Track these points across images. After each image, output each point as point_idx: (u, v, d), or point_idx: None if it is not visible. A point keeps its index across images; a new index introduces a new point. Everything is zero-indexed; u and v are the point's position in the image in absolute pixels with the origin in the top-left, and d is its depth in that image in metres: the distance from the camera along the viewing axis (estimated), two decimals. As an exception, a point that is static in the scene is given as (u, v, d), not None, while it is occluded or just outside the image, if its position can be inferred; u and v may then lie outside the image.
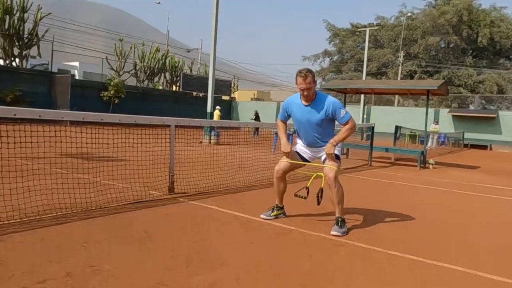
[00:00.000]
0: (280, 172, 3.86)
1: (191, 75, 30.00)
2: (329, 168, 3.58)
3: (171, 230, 3.36)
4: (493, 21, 35.29)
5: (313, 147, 3.88)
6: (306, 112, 3.71)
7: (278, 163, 3.93)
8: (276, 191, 3.95)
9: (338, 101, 3.70)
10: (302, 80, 3.55)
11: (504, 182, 8.21)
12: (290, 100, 3.89)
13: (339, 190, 3.61)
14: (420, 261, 2.95)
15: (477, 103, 32.77)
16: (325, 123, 3.71)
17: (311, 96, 3.65)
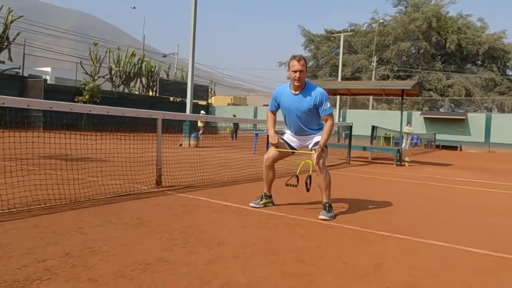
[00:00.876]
0: (269, 161, 3.95)
1: (168, 80, 29.84)
2: (316, 155, 3.70)
3: (164, 217, 3.38)
4: (460, 28, 36.87)
5: (301, 135, 3.99)
6: (295, 101, 3.81)
7: (267, 152, 4.02)
8: (265, 179, 4.04)
9: (325, 93, 3.81)
10: (296, 62, 3.65)
11: (474, 176, 8.61)
12: (280, 89, 3.97)
13: (326, 176, 3.73)
14: (406, 238, 3.11)
15: (447, 106, 34.06)
16: (313, 112, 3.81)
17: (302, 82, 3.73)
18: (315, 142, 3.86)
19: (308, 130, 3.92)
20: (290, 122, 3.98)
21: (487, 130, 23.88)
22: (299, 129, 3.94)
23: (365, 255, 2.64)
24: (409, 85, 10.19)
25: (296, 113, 3.84)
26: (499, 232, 3.52)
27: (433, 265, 2.52)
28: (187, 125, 13.86)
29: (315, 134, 3.92)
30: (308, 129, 3.91)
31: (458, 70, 36.92)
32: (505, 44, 37.19)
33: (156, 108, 26.42)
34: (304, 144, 4.02)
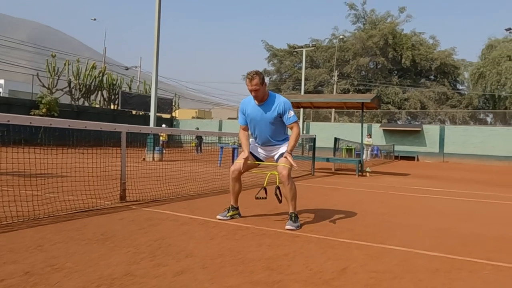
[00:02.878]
0: (235, 173, 3.98)
1: (130, 93, 29.28)
2: (282, 166, 3.78)
3: (129, 231, 3.32)
4: (414, 45, 38.98)
5: (267, 146, 4.06)
6: (259, 112, 3.89)
7: (233, 164, 4.06)
8: (232, 191, 4.07)
9: (289, 102, 3.93)
10: (248, 82, 3.75)
11: (430, 184, 9.06)
12: (245, 101, 4.05)
13: (292, 187, 3.81)
14: (369, 244, 3.24)
15: (404, 119, 35.64)
16: (278, 122, 3.91)
17: (261, 96, 3.83)
18: (280, 153, 3.94)
19: (274, 141, 4.00)
20: (256, 133, 4.03)
21: (441, 141, 25.18)
22: (265, 139, 4.01)
23: (330, 261, 2.72)
24: (368, 98, 10.63)
25: (262, 123, 3.91)
26: (452, 235, 3.73)
27: (393, 267, 2.65)
28: (151, 138, 13.64)
29: (281, 145, 4.00)
30: (274, 140, 3.99)
31: (413, 84, 38.87)
32: (455, 60, 39.73)
33: (118, 122, 25.77)
34: (270, 155, 4.09)
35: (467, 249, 3.21)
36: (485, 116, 36.51)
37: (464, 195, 7.22)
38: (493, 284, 2.43)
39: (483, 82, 34.54)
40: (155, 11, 14.18)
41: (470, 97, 37.11)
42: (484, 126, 28.16)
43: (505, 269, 2.73)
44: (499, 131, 24.39)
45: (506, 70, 32.47)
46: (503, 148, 23.40)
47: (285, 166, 3.77)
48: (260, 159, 4.10)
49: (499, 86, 33.49)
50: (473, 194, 7.52)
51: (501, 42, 35.79)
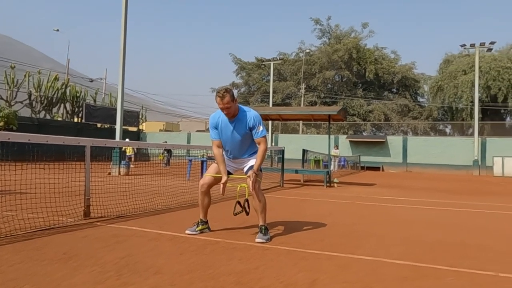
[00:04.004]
0: (204, 187, 3.94)
1: (95, 105, 28.52)
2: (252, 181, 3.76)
3: (93, 249, 3.19)
4: (377, 59, 40.50)
5: (237, 159, 4.05)
6: (230, 127, 3.87)
7: (202, 178, 4.02)
8: (201, 205, 4.01)
9: (259, 116, 3.94)
10: (219, 100, 3.69)
11: (395, 193, 9.34)
12: (216, 115, 3.98)
13: (261, 199, 3.81)
14: (338, 255, 3.27)
15: (369, 130, 36.73)
16: (249, 136, 3.91)
17: (232, 113, 3.81)
18: (250, 165, 3.94)
19: (245, 154, 4.00)
20: (227, 147, 4.00)
21: (404, 152, 26.10)
22: (237, 154, 4.00)
23: (301, 273, 2.72)
24: (334, 110, 10.88)
25: (233, 138, 3.89)
26: (417, 244, 3.85)
27: (363, 277, 2.68)
28: (116, 152, 13.28)
29: (250, 157, 4.01)
30: (244, 153, 3.99)
31: (377, 97, 40.24)
32: (415, 74, 41.58)
33: (82, 135, 24.95)
34: (240, 167, 4.09)
35: (432, 257, 3.32)
36: (444, 127, 38.29)
37: (427, 204, 7.48)
38: (457, 290, 2.51)
39: (442, 95, 36.28)
40: (121, 23, 13.97)
41: (430, 109, 38.83)
42: (443, 137, 29.51)
43: (466, 275, 2.84)
44: (457, 141, 25.61)
45: (462, 83, 34.30)
46: (461, 157, 24.56)
47: (255, 180, 3.76)
48: (229, 172, 4.08)
49: (456, 99, 35.27)
50: (435, 202, 7.81)
51: (457, 57, 37.85)
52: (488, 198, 8.93)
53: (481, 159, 24.00)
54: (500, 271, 2.91)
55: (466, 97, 34.02)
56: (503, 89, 33.32)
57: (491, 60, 34.01)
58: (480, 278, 2.76)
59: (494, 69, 33.53)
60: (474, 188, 12.31)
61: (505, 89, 33.30)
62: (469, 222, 5.37)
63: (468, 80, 33.19)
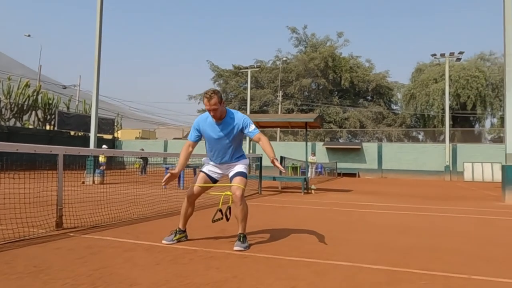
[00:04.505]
0: (192, 197, 3.88)
1: (69, 113, 27.79)
2: (236, 186, 3.73)
3: (66, 261, 3.09)
4: (352, 67, 41.36)
5: (223, 164, 3.95)
6: (217, 130, 3.80)
7: (189, 188, 3.92)
8: (183, 215, 3.92)
9: (247, 117, 3.90)
10: (207, 101, 3.63)
11: (371, 199, 9.51)
12: (201, 118, 3.89)
13: (244, 208, 3.76)
14: (316, 261, 3.29)
15: (345, 137, 37.34)
16: (237, 139, 3.87)
17: (219, 115, 3.73)
18: (236, 171, 3.86)
19: (232, 158, 3.92)
20: (214, 151, 3.91)
21: (379, 158, 26.65)
22: (224, 157, 3.90)
23: (279, 281, 2.72)
24: (311, 118, 11.02)
25: (221, 141, 3.82)
26: (392, 248, 3.92)
27: (340, 283, 2.71)
28: (90, 160, 12.97)
29: (237, 162, 3.94)
30: (232, 157, 3.91)
31: (353, 104, 41.02)
32: (389, 82, 42.67)
33: (54, 143, 24.22)
34: (226, 173, 3.99)
35: (406, 261, 3.39)
36: (417, 134, 39.34)
37: (401, 209, 7.64)
38: (431, 293, 2.57)
39: (414, 102, 37.37)
40: (96, 28, 13.74)
41: (403, 117, 39.88)
42: (416, 143, 30.31)
43: (440, 278, 2.91)
44: (429, 148, 26.37)
45: (433, 91, 35.45)
46: (433, 163, 25.29)
47: (239, 187, 3.72)
48: (215, 178, 3.99)
49: (428, 106, 36.39)
50: (409, 207, 7.99)
51: (428, 66, 39.14)
52: (459, 203, 9.21)
53: (452, 165, 24.78)
54: (473, 274, 3.00)
55: (437, 105, 35.17)
56: (472, 97, 34.65)
57: (460, 69, 35.35)
58: (454, 281, 2.84)
59: (463, 78, 34.86)
60: (446, 193, 12.68)
61: (473, 97, 34.64)
62: (441, 227, 5.52)
63: (439, 88, 34.34)
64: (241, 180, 3.79)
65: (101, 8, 13.73)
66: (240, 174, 3.84)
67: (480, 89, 34.64)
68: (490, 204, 9.16)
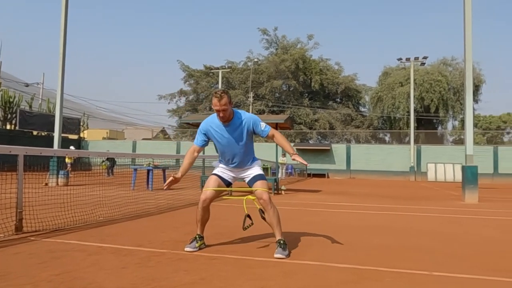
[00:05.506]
0: (207, 201, 3.65)
1: (31, 112, 26.67)
2: (261, 190, 3.60)
3: (26, 267, 2.95)
4: (322, 70, 42.04)
5: (235, 168, 3.79)
6: (228, 132, 3.62)
7: (203, 192, 3.72)
8: (200, 221, 3.71)
9: (255, 116, 3.74)
10: (217, 101, 3.43)
11: (339, 200, 9.70)
12: (209, 121, 3.69)
13: (275, 211, 3.65)
14: (284, 261, 3.32)
15: (315, 138, 37.89)
16: (248, 140, 3.69)
17: (227, 116, 3.55)
18: (253, 175, 3.73)
19: (244, 161, 3.76)
20: (226, 155, 3.73)
21: (348, 159, 27.23)
22: (238, 160, 3.73)
23: (248, 282, 2.72)
24: (282, 119, 11.11)
25: (231, 144, 3.64)
26: (360, 247, 4.01)
27: (307, 283, 2.74)
28: (54, 161, 12.49)
29: (251, 166, 3.80)
30: (244, 160, 3.74)
31: (322, 106, 41.71)
32: (357, 85, 43.72)
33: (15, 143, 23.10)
34: (239, 176, 3.84)
35: (372, 259, 3.47)
36: (384, 136, 40.48)
37: (367, 209, 7.84)
38: (395, 290, 2.64)
39: (381, 105, 38.48)
40: (61, 24, 13.26)
41: (371, 118, 40.97)
42: (383, 145, 31.21)
43: (405, 275, 3.00)
44: (395, 149, 27.23)
45: (399, 94, 36.65)
46: (399, 164, 26.12)
47: (264, 191, 3.60)
48: (228, 180, 3.82)
49: (394, 109, 37.57)
50: (375, 207, 8.21)
51: (395, 70, 40.44)
52: (422, 203, 9.55)
53: (416, 166, 25.68)
54: (434, 270, 3.12)
55: (403, 108, 36.37)
56: (435, 101, 36.10)
57: (424, 73, 36.75)
58: (417, 278, 2.93)
59: (427, 81, 36.26)
60: (411, 193, 13.13)
61: (436, 100, 36.10)
62: (405, 226, 5.70)
63: (405, 92, 35.52)
64: (263, 183, 3.64)
65: (66, 2, 13.27)
66: (259, 178, 3.69)
67: (443, 93, 36.15)
68: (451, 203, 9.55)
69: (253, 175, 3.74)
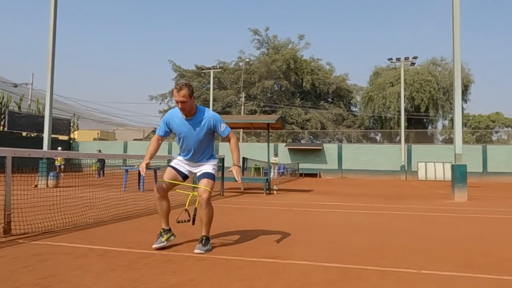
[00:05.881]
0: (160, 191, 3.71)
1: (20, 112, 26.37)
2: (203, 189, 3.65)
3: (10, 270, 2.93)
4: (313, 70, 42.21)
5: (191, 162, 3.86)
6: (187, 126, 3.69)
7: (157, 183, 3.81)
8: (160, 212, 3.79)
9: (218, 115, 3.81)
10: (176, 92, 3.52)
11: (330, 199, 9.76)
12: (172, 113, 3.77)
13: (209, 211, 3.70)
14: (273, 262, 3.33)
15: (307, 138, 38.02)
16: (207, 137, 3.77)
17: (188, 110, 3.61)
18: (203, 171, 3.80)
19: (200, 157, 3.83)
20: (184, 147, 3.82)
21: (339, 159, 27.37)
22: (192, 154, 3.81)
23: (236, 283, 2.74)
24: (273, 119, 11.14)
25: (190, 139, 3.72)
26: (346, 246, 4.05)
27: (294, 282, 2.76)
28: (44, 163, 12.37)
29: (205, 162, 3.86)
30: (200, 155, 3.82)
31: (314, 106, 41.88)
32: (348, 85, 43.98)
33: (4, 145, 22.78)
34: (193, 171, 3.90)
35: (358, 258, 3.51)
36: (375, 135, 40.79)
37: (356, 208, 7.90)
38: (381, 289, 2.68)
39: (372, 105, 38.75)
40: (50, 23, 13.13)
41: (362, 118, 41.24)
42: (374, 144, 31.42)
43: (391, 273, 3.04)
44: (385, 148, 27.44)
45: (390, 94, 36.95)
46: (390, 163, 26.33)
47: (206, 189, 3.65)
48: (184, 172, 3.86)
49: (385, 109, 37.87)
50: (364, 206, 8.28)
51: (385, 70, 40.74)
52: (410, 201, 9.65)
53: (407, 165, 25.91)
54: (422, 268, 3.16)
55: (393, 107, 36.67)
56: (425, 100, 36.46)
57: (415, 73, 37.09)
58: (404, 276, 2.97)
59: (417, 81, 36.61)
60: (400, 192, 13.25)
61: (426, 100, 36.46)
62: (392, 225, 5.76)
63: (395, 92, 35.82)
64: (208, 183, 3.71)
65: (55, 1, 13.14)
66: (207, 176, 3.75)
67: (433, 93, 36.52)
68: (440, 202, 9.67)
69: (202, 171, 3.82)
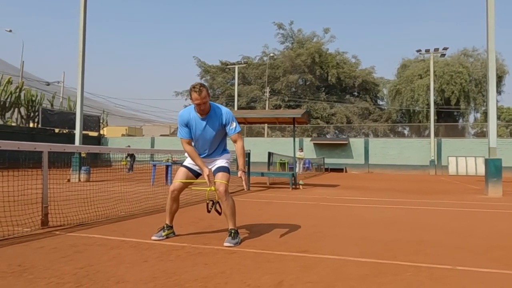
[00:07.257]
0: (175, 193, 3.86)
1: (53, 110, 27.29)
2: (219, 182, 3.73)
3: (50, 260, 3.05)
4: (338, 63, 41.56)
5: (207, 158, 3.93)
6: (203, 125, 3.78)
7: (172, 183, 3.93)
8: (169, 210, 3.94)
9: (231, 112, 3.89)
10: (197, 95, 3.58)
11: (357, 194, 9.62)
12: (186, 113, 3.83)
13: (230, 203, 3.77)
14: (303, 256, 3.32)
15: (332, 133, 37.58)
16: (221, 134, 3.87)
17: (206, 110, 3.74)
18: (218, 166, 3.86)
19: (214, 153, 3.94)
20: (199, 145, 3.90)
21: (365, 153, 26.91)
22: (207, 152, 3.91)
23: (267, 276, 2.74)
24: (299, 113, 11.06)
25: (205, 136, 3.81)
26: (377, 241, 3.98)
27: (326, 277, 2.74)
28: (76, 158, 12.79)
29: (219, 157, 3.95)
30: (214, 152, 3.93)
31: (339, 100, 41.29)
32: (375, 78, 43.05)
33: (37, 141, 23.75)
34: (208, 167, 3.93)
35: (391, 254, 3.44)
36: (402, 129, 39.82)
37: (385, 203, 7.75)
38: (415, 285, 2.62)
39: (400, 98, 37.81)
40: (80, 23, 13.50)
41: (389, 112, 40.33)
42: (402, 138, 30.67)
43: (425, 269, 2.97)
44: (413, 142, 26.74)
45: (418, 87, 35.93)
46: (419, 158, 25.66)
47: (222, 182, 3.73)
48: (198, 172, 3.96)
49: (413, 102, 36.87)
50: (393, 201, 8.11)
51: (413, 62, 39.61)
52: (442, 196, 9.38)
53: (437, 159, 25.18)
54: (457, 265, 3.07)
55: (422, 100, 35.66)
56: (456, 93, 35.24)
57: (444, 65, 35.88)
58: (438, 272, 2.89)
59: (447, 73, 35.40)
60: (430, 188, 12.90)
61: (457, 92, 35.23)
62: (424, 220, 5.62)
63: (424, 84, 34.80)
64: (223, 176, 3.78)
65: (85, 1, 13.49)
66: (222, 170, 3.83)
67: (464, 85, 35.24)
68: (474, 197, 9.35)
69: (217, 166, 3.87)
